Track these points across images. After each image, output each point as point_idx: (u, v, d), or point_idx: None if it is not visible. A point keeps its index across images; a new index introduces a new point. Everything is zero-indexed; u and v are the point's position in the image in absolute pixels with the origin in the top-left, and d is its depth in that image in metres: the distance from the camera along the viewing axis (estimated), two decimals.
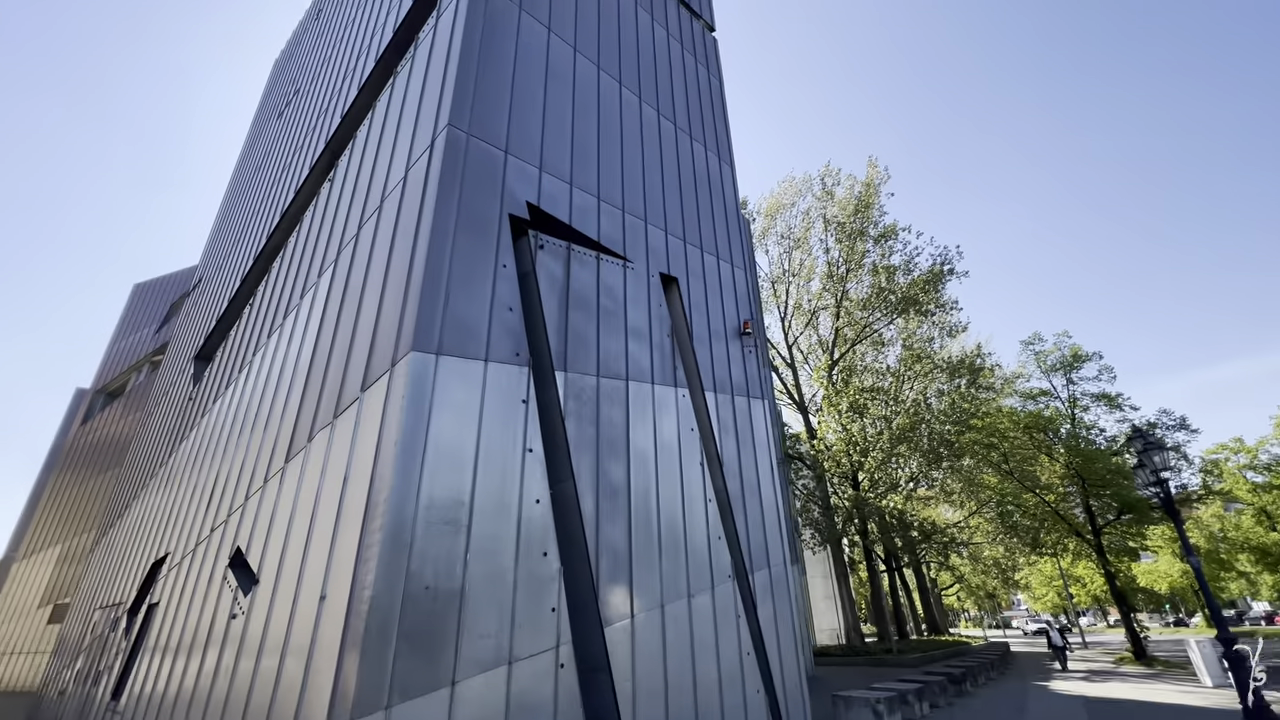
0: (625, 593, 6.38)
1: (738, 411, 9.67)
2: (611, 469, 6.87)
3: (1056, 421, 24.40)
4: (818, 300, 33.90)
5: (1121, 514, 23.72)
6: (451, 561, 4.91)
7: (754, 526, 8.96)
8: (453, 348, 5.64)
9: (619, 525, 6.66)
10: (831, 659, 24.43)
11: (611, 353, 7.58)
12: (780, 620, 8.65)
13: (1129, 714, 10.88)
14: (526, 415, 6.04)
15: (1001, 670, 19.45)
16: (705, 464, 8.40)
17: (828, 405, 29.20)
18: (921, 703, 10.84)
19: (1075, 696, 13.19)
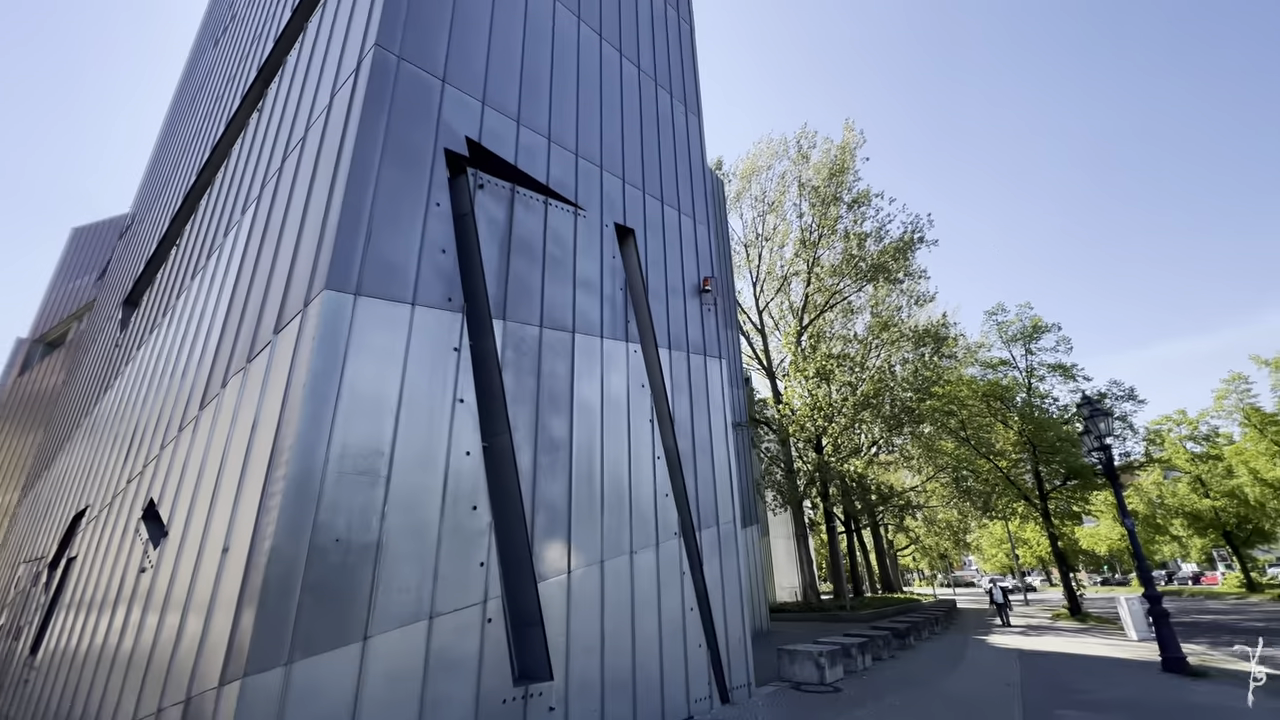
0: (563, 548, 6.23)
1: (693, 370, 9.47)
2: (552, 423, 6.62)
3: (1013, 390, 25.02)
4: (790, 266, 33.76)
5: (1068, 480, 24.68)
6: (367, 513, 4.64)
7: (704, 485, 8.88)
8: (374, 288, 5.24)
9: (558, 480, 6.46)
10: (788, 615, 25.26)
11: (557, 303, 7.23)
12: (727, 577, 8.67)
13: (1056, 664, 11.40)
14: (459, 364, 5.71)
15: (946, 625, 20.32)
16: (655, 421, 8.22)
17: (795, 370, 29.41)
18: (864, 655, 11.15)
19: (1010, 649, 13.81)
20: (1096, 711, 7.43)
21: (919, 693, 8.73)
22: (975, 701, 8.10)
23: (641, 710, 6.53)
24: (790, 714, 7.44)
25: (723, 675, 8.03)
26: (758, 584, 19.51)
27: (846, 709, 7.70)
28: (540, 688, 5.50)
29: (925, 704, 7.96)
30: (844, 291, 31.82)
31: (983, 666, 11.23)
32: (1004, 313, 28.23)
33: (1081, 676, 10.04)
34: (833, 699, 8.36)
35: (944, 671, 10.66)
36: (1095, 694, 8.55)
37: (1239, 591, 36.62)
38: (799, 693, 8.82)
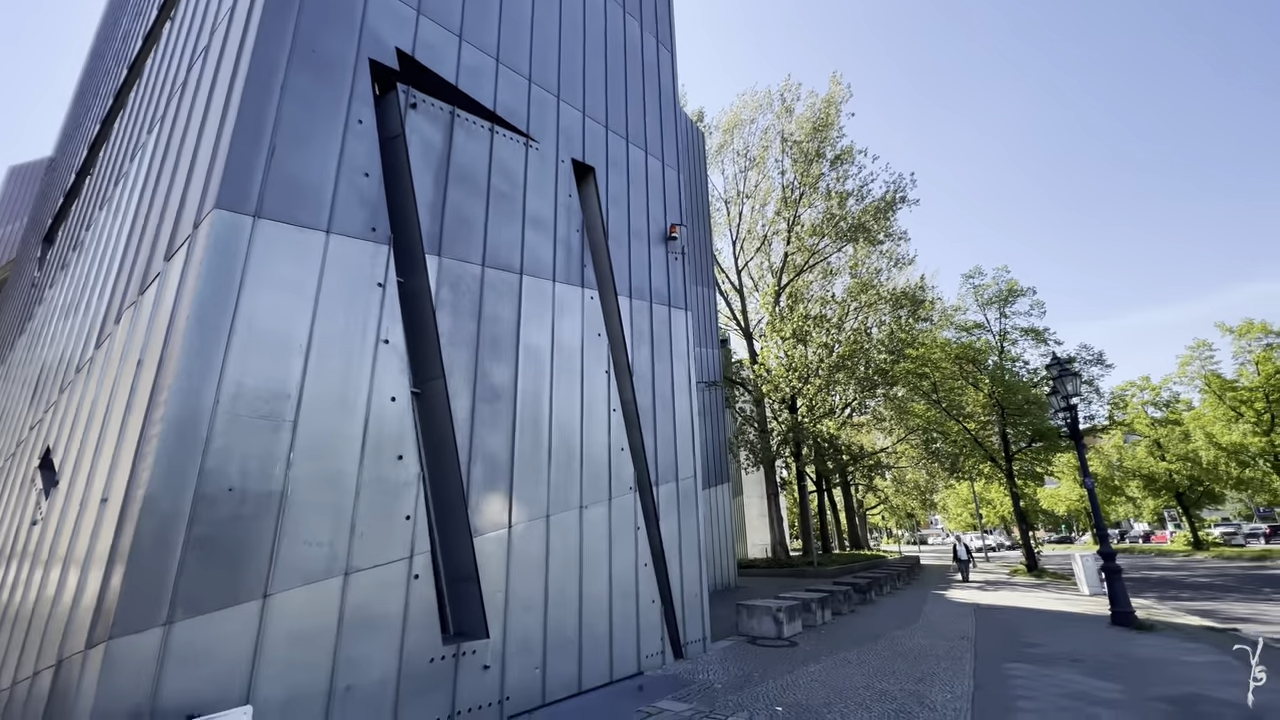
0: (503, 502, 5.85)
1: (655, 320, 9.02)
2: (494, 370, 6.15)
3: (985, 353, 25.12)
4: (771, 225, 33.13)
5: (1033, 442, 25.12)
6: (268, 461, 4.16)
7: (664, 440, 8.55)
8: (278, 211, 4.62)
9: (500, 431, 6.03)
10: (758, 571, 25.71)
11: (503, 241, 6.66)
12: (685, 533, 8.45)
13: (1010, 618, 11.60)
14: (384, 301, 5.17)
15: (908, 580, 20.81)
16: (612, 372, 7.80)
17: (771, 331, 29.18)
18: (824, 610, 11.20)
19: (967, 603, 14.09)
20: (1045, 664, 7.46)
21: (874, 646, 8.73)
22: (928, 655, 8.09)
23: (588, 667, 6.33)
24: (742, 668, 7.33)
25: (677, 631, 7.88)
26: (727, 541, 19.65)
27: (800, 663, 7.63)
28: (474, 646, 5.20)
29: (879, 657, 7.93)
30: (824, 252, 31.40)
31: (939, 621, 11.37)
32: (980, 276, 28.13)
33: (1033, 630, 10.19)
34: (788, 653, 8.30)
35: (901, 625, 10.75)
36: (1045, 647, 8.63)
37: (1186, 549, 38.36)
38: (755, 647, 8.76)
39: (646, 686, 6.46)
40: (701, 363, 21.19)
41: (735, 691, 6.28)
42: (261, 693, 3.82)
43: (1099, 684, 6.48)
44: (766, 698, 6.02)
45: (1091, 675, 6.87)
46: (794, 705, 5.75)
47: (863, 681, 6.69)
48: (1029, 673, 7.05)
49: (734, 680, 6.76)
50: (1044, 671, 7.08)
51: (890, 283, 35.94)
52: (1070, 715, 5.41)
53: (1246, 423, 30.24)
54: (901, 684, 6.57)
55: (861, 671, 7.16)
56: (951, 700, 5.92)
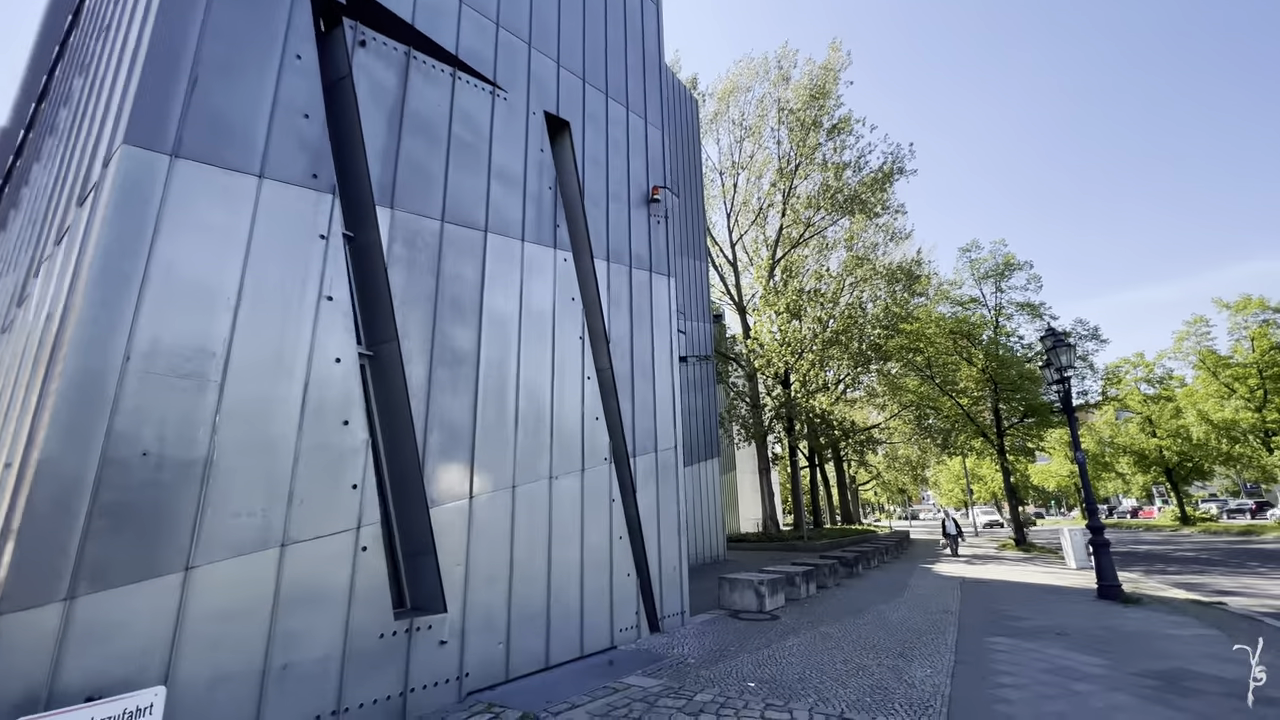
0: (463, 472, 5.54)
1: (635, 285, 8.63)
2: (455, 333, 5.78)
3: (980, 328, 24.81)
4: (767, 198, 32.47)
5: (1026, 417, 25.00)
6: (190, 424, 3.82)
7: (643, 409, 8.24)
8: (201, 150, 4.19)
9: (461, 397, 5.69)
10: (748, 545, 25.75)
11: (466, 196, 6.23)
12: (664, 505, 8.20)
13: (996, 591, 11.50)
14: (327, 254, 4.77)
15: (897, 555, 20.84)
16: (587, 338, 7.44)
17: (765, 305, 28.78)
18: (809, 584, 11.06)
19: (953, 577, 14.01)
20: (1029, 637, 7.29)
21: (857, 620, 8.56)
22: (911, 629, 7.92)
23: (557, 641, 6.10)
24: (720, 642, 7.14)
25: (654, 604, 7.67)
26: (717, 515, 19.55)
27: (779, 637, 7.44)
28: (429, 620, 4.94)
29: (860, 631, 7.75)
30: (819, 225, 30.84)
31: (924, 595, 11.25)
32: (977, 249, 27.65)
33: (1019, 604, 10.06)
34: (768, 627, 8.13)
35: (885, 599, 10.61)
36: (1030, 620, 8.48)
37: (1173, 525, 38.75)
38: (736, 621, 8.58)
39: (618, 661, 6.25)
40: (693, 337, 20.84)
41: (709, 666, 6.07)
42: (183, 672, 3.53)
43: (1083, 658, 6.30)
44: (740, 673, 5.81)
45: (1076, 649, 6.70)
46: (767, 681, 5.53)
47: (841, 656, 6.50)
48: (1012, 646, 6.87)
49: (709, 654, 6.56)
50: (1027, 645, 6.91)
51: (886, 258, 35.51)
52: (1053, 689, 5.22)
53: (1239, 399, 30.19)
54: (881, 658, 6.38)
55: (841, 646, 6.97)
56: (931, 675, 5.73)
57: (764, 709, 4.72)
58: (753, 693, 5.16)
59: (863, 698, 5.05)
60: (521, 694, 5.15)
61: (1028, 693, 5.16)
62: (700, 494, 19.18)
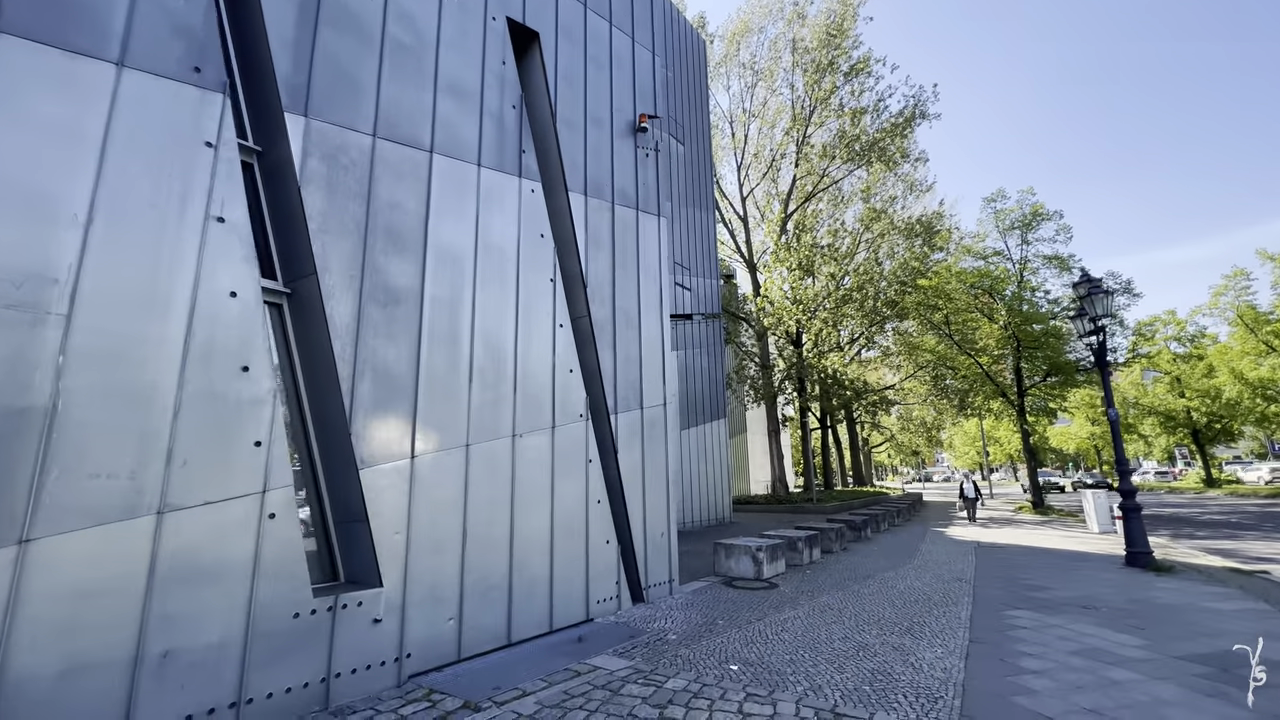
0: (403, 428, 4.81)
1: (619, 224, 7.71)
2: (391, 268, 4.97)
3: (1003, 282, 23.42)
4: (779, 148, 30.77)
5: (1048, 376, 23.86)
6: (24, 364, 3.09)
7: (627, 361, 7.44)
8: (32, 26, 3.34)
9: (400, 343, 4.92)
10: (755, 507, 25.28)
11: (405, 108, 5.32)
12: (651, 466, 7.48)
13: (1014, 557, 10.77)
14: (216, 166, 3.94)
15: (909, 517, 20.19)
16: (559, 281, 6.60)
17: (775, 260, 27.54)
18: (812, 549, 10.41)
19: (967, 541, 13.31)
20: (1053, 611, 6.55)
21: (861, 589, 7.89)
22: (921, 600, 7.23)
23: (521, 616, 5.48)
24: (708, 614, 6.50)
25: (637, 573, 7.04)
26: (723, 477, 18.97)
27: (774, 608, 6.79)
28: (360, 596, 4.30)
29: (865, 602, 7.08)
30: (834, 176, 29.21)
31: (936, 560, 10.55)
32: (1003, 199, 25.98)
33: (1040, 571, 9.32)
34: (764, 596, 7.49)
35: (894, 565, 9.93)
36: (1053, 591, 7.74)
37: (1197, 487, 37.65)
38: (731, 589, 7.96)
39: (591, 637, 5.63)
40: (700, 294, 19.88)
41: (691, 643, 5.43)
42: (18, 663, 2.90)
43: (1117, 637, 5.55)
44: (724, 652, 5.15)
45: (1107, 626, 5.95)
46: (753, 663, 4.87)
47: (841, 632, 5.82)
48: (1035, 622, 6.14)
49: (693, 629, 5.92)
50: (1052, 621, 6.18)
51: (906, 211, 33.79)
52: (1085, 677, 4.48)
53: (1278, 356, 28.62)
54: (885, 635, 5.69)
55: (842, 619, 6.29)
56: (942, 657, 5.02)
57: (743, 700, 4.05)
58: (734, 678, 4.49)
59: (860, 685, 4.36)
60: (472, 677, 4.54)
61: (1055, 681, 4.43)
62: (706, 456, 18.57)
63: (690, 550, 11.67)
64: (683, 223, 19.83)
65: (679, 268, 19.43)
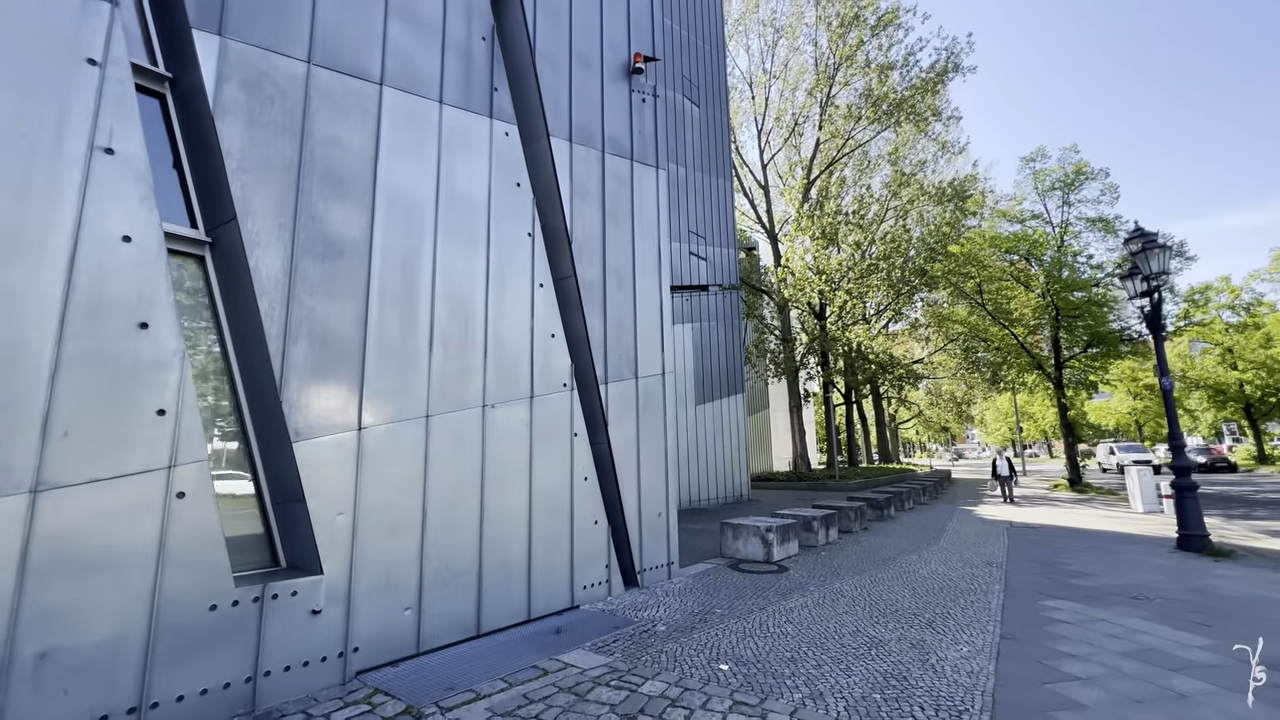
0: (347, 396, 4.26)
1: (611, 175, 6.98)
2: (333, 215, 4.36)
3: (1042, 246, 21.92)
4: (802, 110, 29.28)
5: (1089, 347, 22.45)
6: None
7: (619, 327, 6.79)
8: None
9: (343, 301, 4.34)
10: (775, 484, 24.62)
11: (350, 35, 4.65)
12: (647, 440, 6.86)
13: (1051, 539, 9.93)
14: (103, 90, 3.35)
15: (935, 495, 19.31)
16: (538, 236, 5.93)
17: (797, 229, 26.36)
18: (829, 529, 9.73)
19: (999, 520, 12.47)
20: (1097, 602, 5.79)
21: (879, 574, 7.22)
22: (945, 588, 6.53)
23: (492, 605, 4.96)
24: (705, 602, 5.92)
25: (630, 556, 6.48)
26: (740, 453, 18.31)
27: (780, 596, 6.17)
28: (293, 585, 3.80)
29: (882, 589, 6.41)
30: (860, 139, 27.68)
31: (964, 542, 9.79)
32: (1044, 158, 24.26)
33: (1081, 555, 8.50)
34: (772, 581, 6.87)
35: (917, 547, 9.21)
36: (1097, 578, 6.95)
37: (1249, 464, 35.66)
38: (736, 573, 7.37)
39: (571, 627, 5.09)
40: (716, 264, 19.01)
41: (680, 637, 4.85)
42: None
43: (1176, 635, 4.79)
44: (715, 648, 4.56)
45: (1163, 621, 5.18)
46: (747, 661, 4.26)
47: (852, 624, 5.18)
48: (1077, 615, 5.40)
49: (687, 619, 5.35)
50: (1098, 614, 5.43)
51: (937, 175, 32.06)
52: (1143, 688, 3.77)
53: None
54: (903, 629, 5.03)
55: (854, 609, 5.64)
56: (968, 656, 4.35)
57: (728, 710, 3.45)
58: (722, 680, 3.89)
59: (870, 693, 3.72)
60: (426, 674, 4.03)
61: (1106, 691, 3.72)
62: (722, 432, 17.92)
63: (701, 530, 11.11)
64: (698, 190, 18.94)
65: (694, 236, 18.61)
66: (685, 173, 18.70)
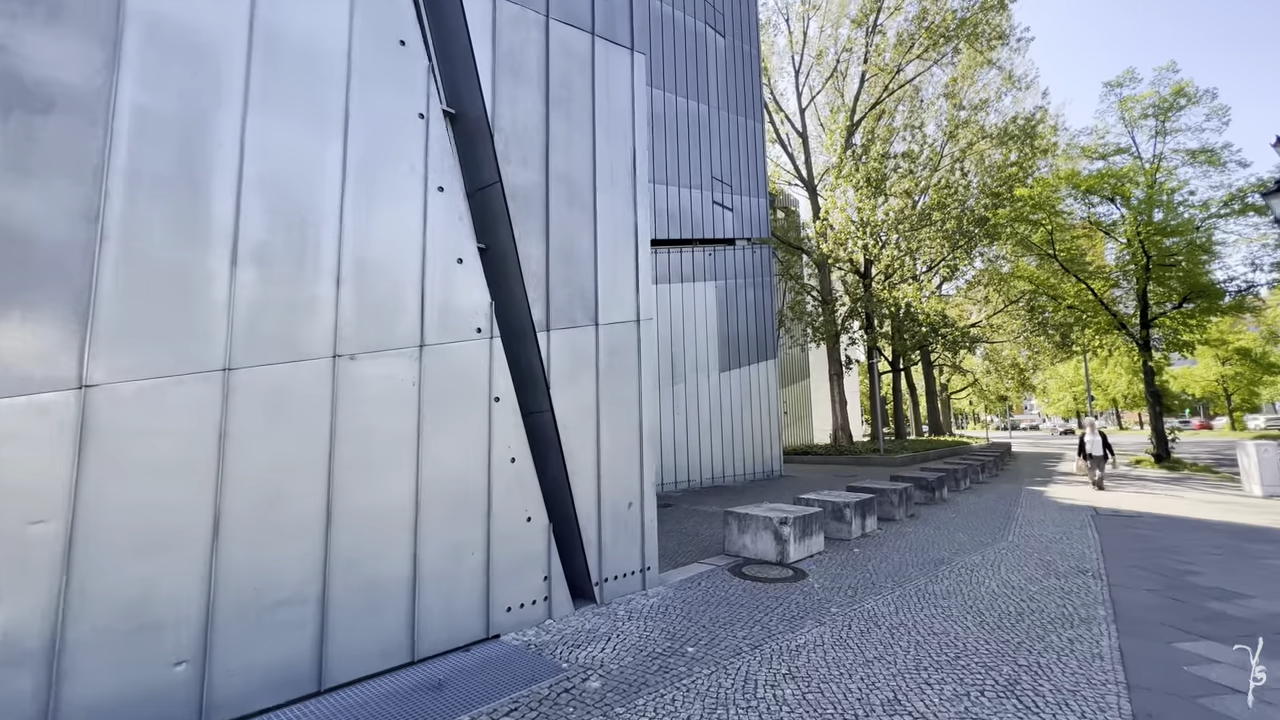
0: (55, 334, 2.68)
1: (559, 49, 5.12)
2: (29, 40, 2.72)
3: (1130, 184, 18.69)
4: (846, 44, 26.17)
5: (1184, 302, 19.26)
6: None
7: (571, 256, 5.02)
8: None
9: (49, 180, 2.72)
10: (813, 458, 22.66)
11: None
12: (611, 408, 5.14)
13: (1157, 533, 7.75)
14: None
15: (995, 473, 16.96)
16: (435, 120, 4.18)
17: (838, 177, 23.66)
18: (864, 517, 7.86)
19: (1080, 506, 10.25)
20: (1275, 652, 3.78)
21: (932, 586, 5.35)
22: (1026, 612, 4.62)
23: (347, 645, 3.40)
24: (681, 628, 4.22)
25: (583, 561, 4.82)
26: (772, 424, 16.42)
27: (787, 623, 4.41)
28: None
29: (935, 613, 4.56)
30: (911, 72, 24.47)
31: (1041, 536, 7.74)
32: (1134, 82, 20.70)
33: (1205, 558, 6.36)
34: (781, 596, 5.11)
35: (980, 544, 7.24)
36: (1247, 599, 4.90)
37: None
38: (737, 580, 5.64)
39: (459, 679, 3.49)
40: (744, 215, 16.92)
41: (616, 702, 3.17)
42: None
43: None
44: None
45: None
46: None
47: (888, 682, 3.38)
48: (1244, 670, 3.43)
49: (639, 665, 3.66)
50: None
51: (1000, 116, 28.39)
52: None
53: None
54: (970, 699, 3.20)
55: (892, 652, 3.83)
56: None
57: None
58: None
59: None
60: None
61: None
62: (751, 401, 16.04)
63: (715, 514, 9.40)
64: (724, 131, 16.78)
65: (719, 184, 16.53)
66: (708, 111, 16.52)
